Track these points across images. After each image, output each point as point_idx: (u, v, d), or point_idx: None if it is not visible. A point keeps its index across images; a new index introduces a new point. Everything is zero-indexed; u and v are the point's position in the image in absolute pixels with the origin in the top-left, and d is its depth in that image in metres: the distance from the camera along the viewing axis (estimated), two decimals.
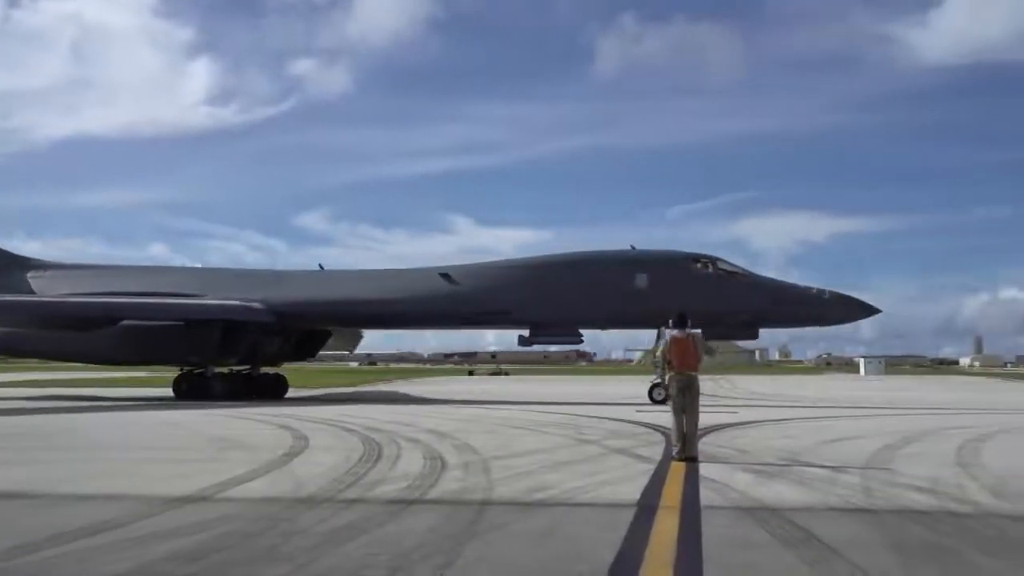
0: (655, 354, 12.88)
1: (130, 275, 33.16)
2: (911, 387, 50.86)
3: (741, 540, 6.81)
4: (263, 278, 31.90)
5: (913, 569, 5.91)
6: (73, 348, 30.69)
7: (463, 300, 28.40)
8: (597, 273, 27.73)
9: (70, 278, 32.52)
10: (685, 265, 27.10)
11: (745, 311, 26.48)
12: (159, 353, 29.92)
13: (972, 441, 14.73)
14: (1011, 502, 8.59)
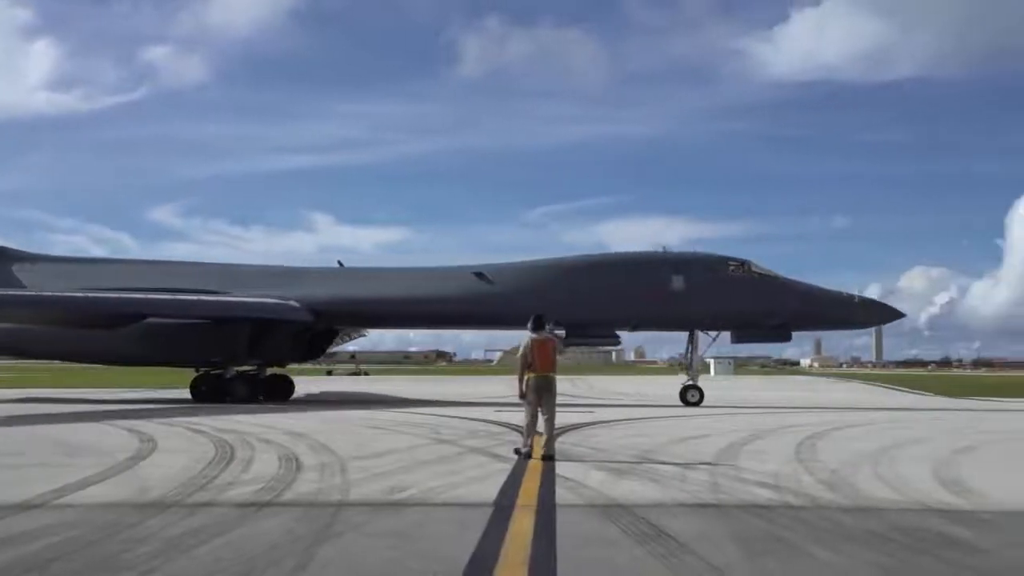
0: (517, 355, 13.03)
1: (137, 270, 30.88)
2: (757, 386, 53.29)
3: (595, 537, 6.95)
4: (283, 275, 30.42)
5: (755, 560, 6.18)
6: (91, 348, 28.51)
7: (498, 300, 27.73)
8: (634, 274, 27.45)
9: (68, 273, 30.15)
10: (720, 268, 27.07)
11: (778, 314, 26.64)
12: (184, 353, 27.98)
13: (810, 438, 15.53)
14: (843, 495, 9.11)
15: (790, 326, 27.18)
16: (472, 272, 28.35)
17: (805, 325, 27.56)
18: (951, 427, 18.97)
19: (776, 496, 9.00)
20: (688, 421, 20.30)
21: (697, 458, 12.25)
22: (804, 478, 10.35)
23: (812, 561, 6.20)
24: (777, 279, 27.10)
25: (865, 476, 10.53)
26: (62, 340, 28.25)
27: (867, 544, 6.75)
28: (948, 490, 9.52)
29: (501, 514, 7.89)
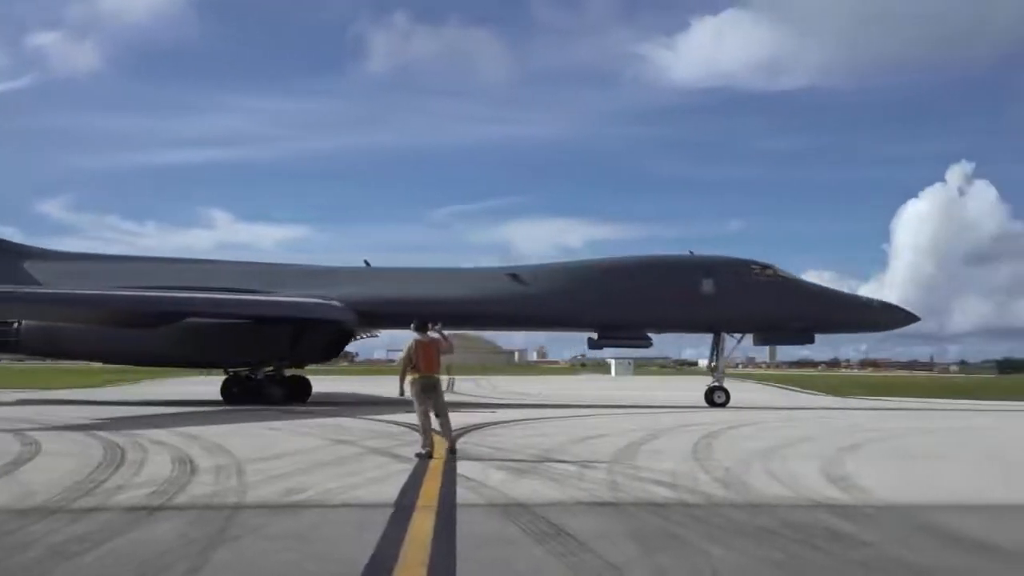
0: (401, 357, 13.03)
1: (163, 268, 29.39)
2: (656, 386, 54.34)
3: (495, 536, 6.98)
4: (321, 274, 29.41)
5: (651, 557, 6.31)
6: (129, 348, 26.86)
7: (533, 302, 27.57)
8: (665, 277, 27.45)
9: (86, 271, 28.44)
10: (747, 271, 27.26)
11: (803, 317, 26.97)
12: (223, 353, 26.94)
13: (706, 437, 15.92)
14: (737, 492, 9.38)
15: (813, 329, 27.63)
16: (507, 273, 28.27)
17: (827, 328, 27.97)
18: (839, 426, 19.71)
19: (673, 494, 9.20)
20: (588, 420, 20.56)
21: (596, 457, 12.42)
22: (700, 476, 10.60)
23: (706, 557, 6.35)
24: (800, 283, 27.73)
25: (757, 474, 10.86)
26: (101, 340, 26.78)
27: (759, 540, 6.96)
28: (835, 486, 9.90)
29: (401, 515, 7.85)
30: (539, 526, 7.35)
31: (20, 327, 26.77)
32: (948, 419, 23.37)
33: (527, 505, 8.35)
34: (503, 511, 8.05)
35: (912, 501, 8.95)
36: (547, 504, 8.44)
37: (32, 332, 26.80)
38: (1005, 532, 7.46)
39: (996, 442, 17.13)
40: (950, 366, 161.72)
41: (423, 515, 7.86)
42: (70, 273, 28.27)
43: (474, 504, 8.48)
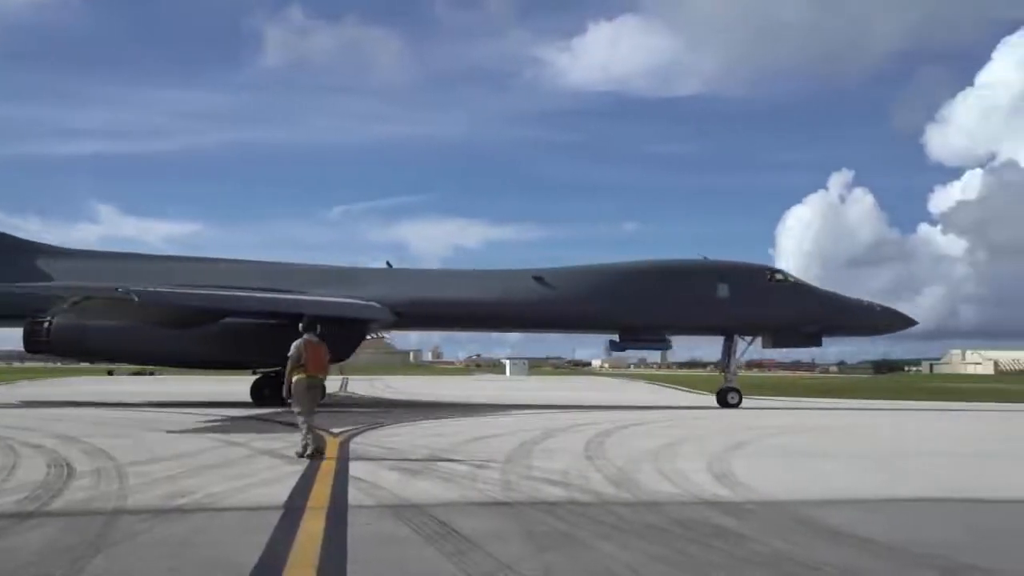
0: (290, 356, 12.79)
1: (188, 267, 28.53)
2: (551, 386, 54.83)
3: (386, 537, 6.91)
4: (343, 274, 28.96)
5: (542, 555, 6.35)
6: (162, 349, 26.10)
7: (559, 304, 27.72)
8: (684, 281, 27.93)
9: (115, 269, 27.08)
10: (761, 276, 28.08)
11: (814, 321, 27.80)
12: (257, 353, 25.81)
13: (599, 436, 16.16)
14: (627, 491, 9.54)
15: (822, 333, 28.53)
16: (532, 276, 28.31)
17: (835, 332, 28.93)
18: (726, 425, 20.27)
19: (565, 493, 9.30)
20: (484, 420, 20.60)
21: (490, 457, 12.45)
22: (592, 475, 10.74)
23: (597, 554, 6.44)
24: (810, 287, 28.52)
25: (648, 472, 11.07)
26: (135, 341, 25.68)
27: (647, 537, 7.09)
28: (721, 483, 10.18)
29: (291, 517, 7.69)
30: (431, 526, 7.31)
31: (51, 327, 25.68)
32: (826, 418, 24.33)
33: (420, 506, 8.30)
34: (395, 512, 7.98)
35: (793, 497, 9.26)
36: (440, 504, 8.40)
37: (63, 332, 25.68)
38: (878, 525, 7.79)
39: (871, 439, 17.91)
40: (830, 367, 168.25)
41: (314, 517, 7.73)
42: (99, 272, 26.59)
43: (366, 505, 8.38)
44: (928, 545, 6.89)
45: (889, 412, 28.69)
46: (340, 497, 8.88)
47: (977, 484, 10.96)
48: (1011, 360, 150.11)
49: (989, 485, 10.87)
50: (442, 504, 8.43)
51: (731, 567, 6.14)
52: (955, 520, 8.35)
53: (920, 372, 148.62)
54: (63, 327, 25.69)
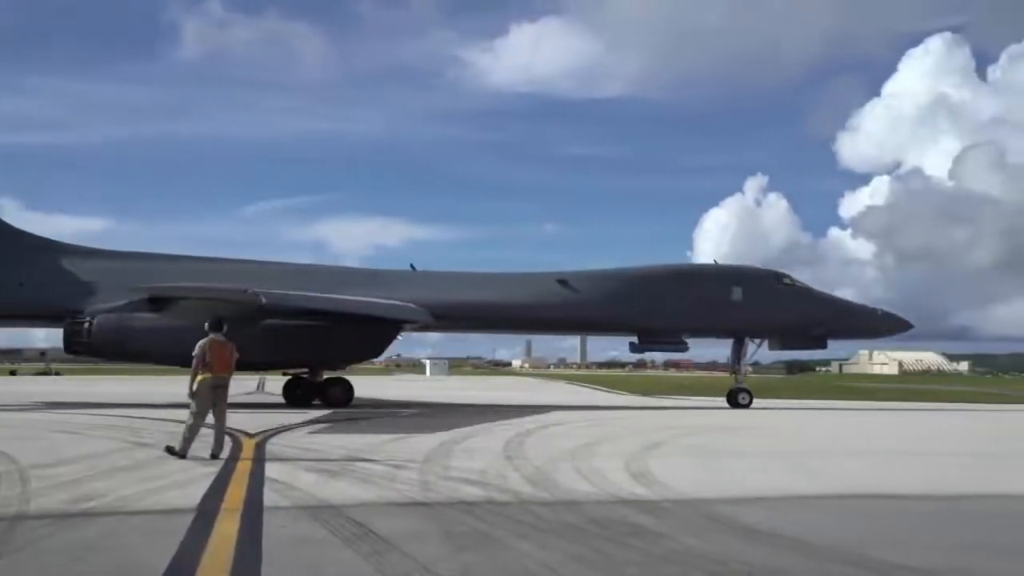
0: (195, 355, 12.51)
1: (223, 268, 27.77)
2: (471, 386, 54.84)
3: (302, 539, 6.83)
4: (363, 276, 29.03)
5: (460, 555, 6.35)
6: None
7: (583, 307, 28.15)
8: (700, 286, 28.59)
9: (152, 269, 26.29)
10: (770, 281, 28.92)
11: (820, 324, 28.85)
12: (301, 354, 26.12)
13: (519, 436, 16.23)
14: (546, 490, 9.61)
15: (828, 335, 29.66)
16: (556, 279, 28.73)
17: (839, 335, 30.04)
18: (644, 424, 20.59)
19: (483, 493, 9.31)
20: (401, 420, 20.49)
21: (409, 457, 12.39)
22: (511, 475, 10.78)
23: (514, 553, 6.47)
24: (816, 292, 29.43)
25: (566, 472, 11.16)
26: (179, 342, 23.42)
27: (564, 535, 7.15)
28: (638, 482, 10.32)
29: (204, 519, 7.53)
30: (349, 528, 7.25)
31: (92, 327, 24.90)
32: (740, 417, 24.87)
33: (337, 507, 8.22)
34: (312, 513, 7.89)
35: (708, 495, 9.45)
36: (357, 505, 8.33)
37: (105, 332, 24.92)
38: (790, 522, 8.00)
39: (782, 438, 18.39)
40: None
41: (228, 519, 7.58)
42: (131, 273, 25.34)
43: (282, 507, 8.25)
44: (837, 541, 7.10)
45: (801, 412, 29.50)
46: (255, 499, 8.73)
47: (883, 480, 11.34)
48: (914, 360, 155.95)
49: (894, 481, 11.26)
50: (360, 505, 8.36)
51: (646, 564, 6.24)
52: (864, 515, 8.61)
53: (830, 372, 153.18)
54: (105, 328, 25.06)
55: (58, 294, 25.91)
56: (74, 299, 25.62)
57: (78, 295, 25.89)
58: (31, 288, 25.99)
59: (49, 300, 25.80)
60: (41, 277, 26.23)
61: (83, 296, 25.77)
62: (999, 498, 10.15)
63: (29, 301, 26.06)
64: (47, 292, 25.99)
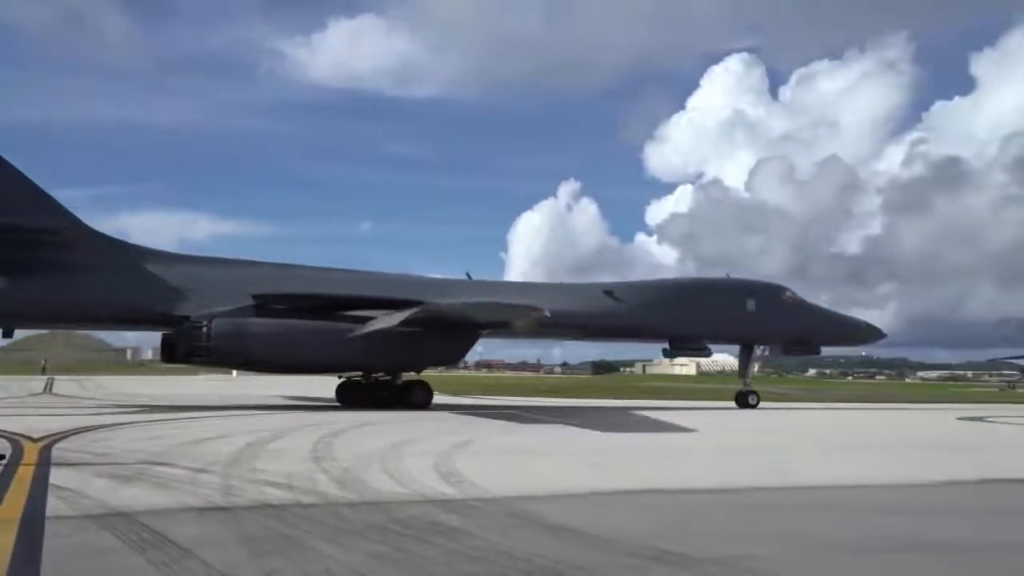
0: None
1: (311, 275, 29.07)
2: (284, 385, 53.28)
3: (88, 549, 6.42)
4: (434, 286, 30.07)
5: (261, 560, 6.16)
6: (321, 357, 26.23)
7: (627, 316, 30.37)
8: (723, 297, 31.40)
9: (246, 275, 27.38)
10: (778, 294, 32.10)
11: (818, 334, 32.61)
12: (398, 358, 27.15)
13: (328, 436, 15.95)
14: (353, 491, 9.48)
15: (821, 343, 33.47)
16: (603, 290, 31.13)
17: (831, 343, 34.11)
18: (455, 424, 20.73)
19: (289, 496, 9.08)
20: (209, 422, 19.69)
21: (213, 460, 11.90)
22: (318, 476, 10.58)
23: (318, 556, 6.34)
24: (812, 304, 32.90)
25: (375, 472, 11.06)
26: (300, 350, 25.68)
27: (369, 536, 7.08)
28: (446, 481, 10.38)
29: None
30: (141, 535, 6.88)
31: (210, 332, 24.82)
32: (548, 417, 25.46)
33: (129, 514, 7.78)
34: (101, 521, 7.43)
35: (513, 493, 9.62)
36: (152, 512, 7.93)
37: (225, 338, 24.93)
38: (588, 517, 8.27)
39: (585, 437, 18.99)
40: (555, 367, 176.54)
41: (3, 530, 7.01)
42: (250, 279, 27.04)
43: (67, 516, 7.72)
44: (634, 535, 7.40)
45: (600, 411, 30.54)
46: (36, 507, 8.12)
47: (673, 476, 11.92)
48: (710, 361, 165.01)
49: (680, 477, 11.85)
50: (155, 511, 7.95)
51: (450, 563, 6.28)
52: (657, 509, 9.03)
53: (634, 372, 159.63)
54: (226, 333, 24.99)
55: (161, 300, 26.07)
56: (178, 305, 25.96)
57: (181, 301, 26.10)
58: (134, 294, 26.09)
59: (153, 305, 26.03)
60: (144, 283, 26.35)
61: (186, 302, 26.05)
62: (775, 491, 10.86)
63: (134, 306, 26.25)
64: (150, 298, 26.09)
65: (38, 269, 25.00)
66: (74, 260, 25.45)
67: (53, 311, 26.14)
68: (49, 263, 25.08)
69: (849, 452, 16.70)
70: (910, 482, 11.68)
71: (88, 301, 25.56)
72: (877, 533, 7.83)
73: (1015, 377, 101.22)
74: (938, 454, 16.29)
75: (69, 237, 25.57)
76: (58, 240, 25.21)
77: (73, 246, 25.60)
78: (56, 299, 25.19)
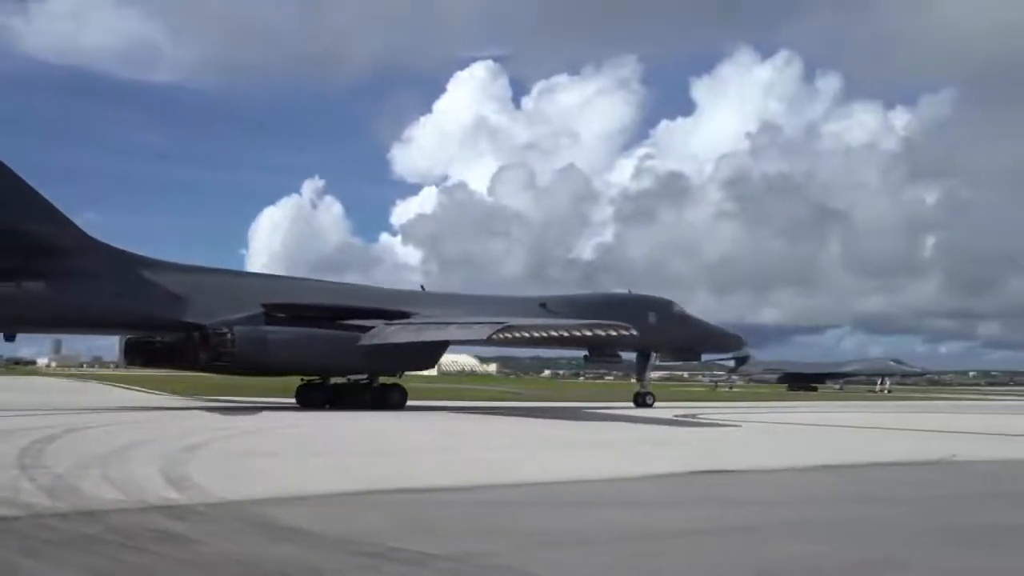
0: None
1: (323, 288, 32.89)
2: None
3: None
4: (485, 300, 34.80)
5: None
6: (333, 361, 29.55)
7: None
8: (633, 310, 34.74)
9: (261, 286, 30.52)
10: (669, 308, 37.33)
11: (701, 343, 39.27)
12: (397, 363, 31.13)
13: (40, 442, 14.65)
14: (66, 501, 8.71)
15: (701, 351, 41.28)
16: (538, 303, 35.42)
17: (709, 351, 42.22)
18: (186, 427, 19.74)
19: None
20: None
21: None
22: (24, 485, 9.65)
23: (21, 573, 5.77)
24: (694, 319, 38.37)
25: (94, 479, 10.26)
26: (316, 355, 28.91)
27: (82, 548, 6.55)
28: (173, 487, 9.82)
29: None
30: None
31: (234, 338, 26.68)
32: (287, 419, 24.86)
33: None
34: None
35: (246, 497, 9.25)
36: None
37: (248, 345, 26.92)
38: (324, 519, 8.10)
39: (321, 439, 18.69)
40: None
41: None
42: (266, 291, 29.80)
43: None
44: (365, 534, 7.35)
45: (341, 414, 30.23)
46: None
47: (411, 475, 11.96)
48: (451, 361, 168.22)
49: (417, 476, 11.92)
50: None
51: (172, 572, 5.94)
52: (394, 509, 9.01)
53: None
54: (249, 339, 27.02)
55: (172, 308, 27.60)
56: (189, 313, 27.61)
57: (191, 309, 27.73)
58: (146, 302, 27.32)
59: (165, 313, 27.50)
60: (156, 292, 27.65)
61: (196, 310, 27.66)
62: (511, 487, 11.19)
63: (151, 313, 27.50)
64: (163, 306, 27.54)
65: (50, 276, 26.00)
66: (85, 268, 26.57)
67: (67, 316, 27.11)
68: (58, 270, 26.10)
69: (578, 449, 17.61)
70: (629, 476, 12.44)
71: (101, 308, 26.68)
72: (600, 525, 8.28)
73: (722, 377, 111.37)
74: (655, 450, 17.50)
75: (74, 245, 26.81)
76: (65, 248, 26.34)
77: (78, 253, 26.77)
78: (72, 304, 26.28)
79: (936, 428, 26.21)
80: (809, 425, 28.07)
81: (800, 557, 6.96)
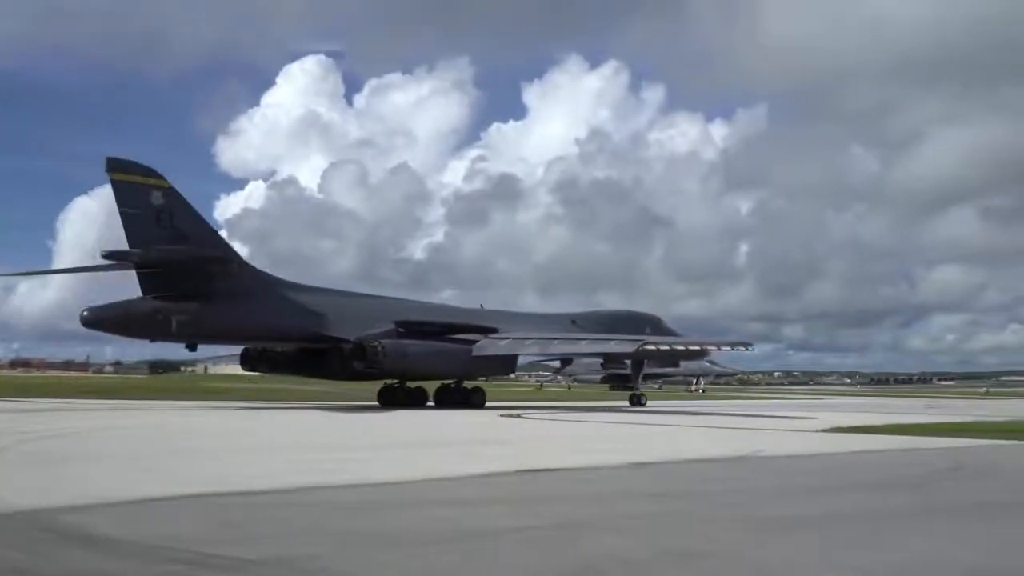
0: None
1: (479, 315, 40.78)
2: None
3: None
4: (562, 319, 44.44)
5: None
6: (453, 368, 36.62)
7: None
8: (636, 325, 43.50)
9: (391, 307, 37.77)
10: (659, 323, 44.99)
11: (680, 354, 44.28)
12: (489, 369, 39.99)
13: None
14: None
15: (681, 358, 50.78)
16: (571, 319, 43.86)
17: (686, 359, 52.19)
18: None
19: None
20: None
21: None
22: None
23: None
24: (675, 332, 44.40)
25: None
26: (443, 362, 35.73)
27: None
28: None
29: None
30: None
31: (384, 349, 32.99)
32: (101, 420, 23.61)
33: None
34: None
35: (48, 504, 8.68)
36: None
37: (394, 355, 33.26)
38: (133, 526, 7.71)
39: (145, 441, 17.86)
40: (105, 366, 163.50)
41: None
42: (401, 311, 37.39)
43: None
44: (177, 540, 7.04)
45: (179, 411, 29.04)
46: None
47: (237, 478, 11.57)
48: None
49: (244, 478, 11.56)
50: None
51: None
52: (206, 514, 8.68)
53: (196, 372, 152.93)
54: (392, 350, 33.05)
55: (320, 324, 33.59)
56: (331, 328, 33.64)
57: (334, 325, 33.98)
58: (295, 318, 33.28)
59: (316, 328, 33.37)
60: (301, 311, 33.52)
61: (339, 326, 33.87)
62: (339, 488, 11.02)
63: (300, 328, 33.49)
64: (311, 322, 33.46)
65: (223, 296, 30.90)
66: (247, 289, 31.88)
67: (241, 330, 32.50)
68: (228, 292, 31.08)
69: (406, 449, 17.59)
70: (456, 475, 12.54)
71: (259, 323, 32.26)
72: (426, 525, 8.29)
73: (547, 377, 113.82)
74: (482, 449, 17.73)
75: (238, 270, 31.98)
76: (231, 272, 31.48)
77: (240, 277, 31.93)
78: (240, 320, 31.62)
79: (745, 426, 27.83)
80: (631, 424, 29.14)
81: (616, 549, 7.23)
